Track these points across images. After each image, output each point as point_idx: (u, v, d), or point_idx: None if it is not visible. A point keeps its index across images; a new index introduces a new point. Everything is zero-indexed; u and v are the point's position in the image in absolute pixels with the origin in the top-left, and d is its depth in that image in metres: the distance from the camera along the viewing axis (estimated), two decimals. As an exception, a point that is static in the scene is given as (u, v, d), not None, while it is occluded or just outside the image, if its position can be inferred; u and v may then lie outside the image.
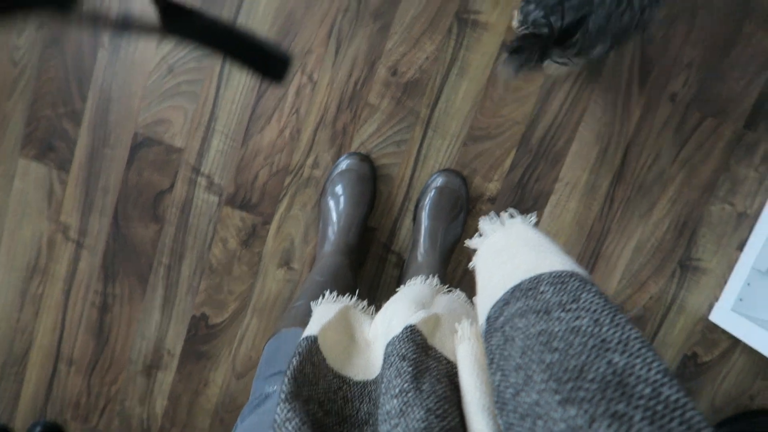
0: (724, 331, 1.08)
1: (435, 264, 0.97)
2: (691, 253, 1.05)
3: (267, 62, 0.45)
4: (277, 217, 1.05)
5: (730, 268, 1.06)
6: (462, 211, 1.01)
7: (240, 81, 1.01)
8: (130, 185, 1.04)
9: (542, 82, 1.00)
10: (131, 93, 1.02)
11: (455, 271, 1.07)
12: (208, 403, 1.13)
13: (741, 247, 1.05)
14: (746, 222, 1.05)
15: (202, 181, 1.03)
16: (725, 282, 1.07)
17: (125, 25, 0.37)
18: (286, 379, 0.45)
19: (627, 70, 1.00)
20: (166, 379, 1.12)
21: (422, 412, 0.39)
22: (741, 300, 1.04)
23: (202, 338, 1.10)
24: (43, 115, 1.03)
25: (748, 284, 1.04)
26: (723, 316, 1.06)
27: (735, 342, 1.09)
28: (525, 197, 1.03)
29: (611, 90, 1.00)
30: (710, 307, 1.08)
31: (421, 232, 0.99)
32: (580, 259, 1.05)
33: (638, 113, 1.01)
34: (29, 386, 1.14)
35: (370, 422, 0.45)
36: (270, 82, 0.48)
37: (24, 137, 1.03)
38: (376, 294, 1.08)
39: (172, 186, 1.04)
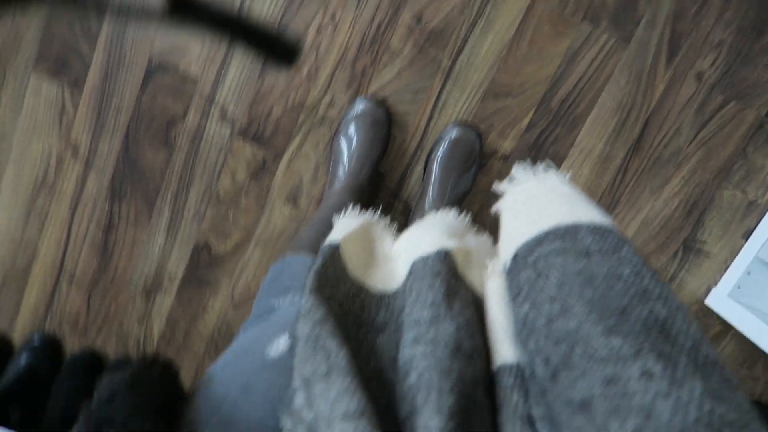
0: (717, 317, 1.09)
1: (441, 215, 0.97)
2: (696, 235, 1.05)
3: (276, 49, 0.45)
4: (288, 153, 1.04)
5: (733, 255, 1.07)
6: (474, 165, 1.00)
7: (261, 10, 0.99)
8: (143, 109, 1.03)
9: (569, 44, 0.98)
10: (150, 14, 1.00)
11: (460, 225, 1.07)
12: (205, 329, 1.16)
13: (747, 236, 1.05)
14: (755, 211, 1.04)
15: (215, 111, 1.03)
16: (726, 268, 1.07)
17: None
18: (311, 275, 0.46)
19: (656, 43, 0.97)
20: (165, 302, 1.14)
21: (453, 327, 0.40)
22: (739, 288, 1.05)
23: (204, 266, 1.11)
24: (58, 33, 1.01)
25: (749, 273, 1.04)
26: (719, 301, 1.06)
27: (726, 329, 1.10)
28: (539, 159, 1.02)
29: (638, 60, 0.98)
30: (707, 291, 1.09)
31: (431, 182, 0.99)
32: (585, 227, 1.05)
33: (662, 87, 0.99)
34: (30, 298, 1.16)
35: (386, 331, 0.46)
36: (280, 66, 0.47)
37: (38, 54, 1.02)
38: (378, 241, 1.09)
39: (185, 114, 1.03)
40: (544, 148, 1.02)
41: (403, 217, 1.07)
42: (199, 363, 1.18)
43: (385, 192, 1.06)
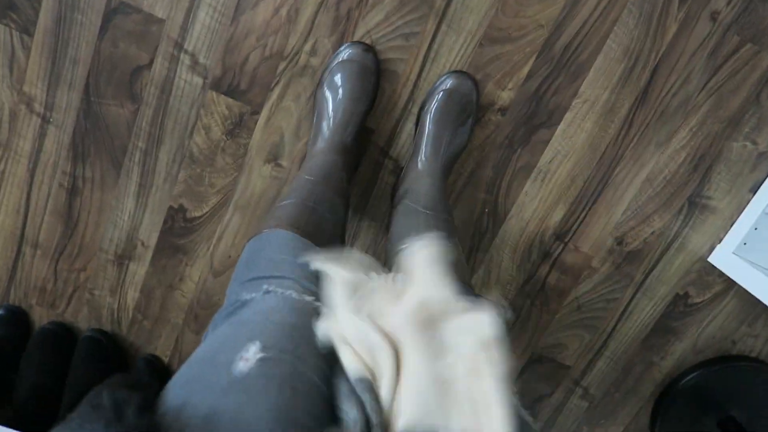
0: (720, 275, 1.05)
1: (436, 173, 0.90)
2: (702, 190, 1.00)
3: None
4: (267, 107, 0.95)
5: (740, 210, 1.02)
6: (470, 119, 0.93)
7: (234, -56, 0.88)
8: (104, 57, 0.93)
9: (575, -19, 0.89)
10: (107, -54, 0.88)
11: (456, 182, 1.00)
12: (183, 299, 1.09)
13: (755, 189, 1.00)
14: (765, 163, 0.99)
15: (185, 59, 0.93)
16: (732, 224, 1.03)
17: None
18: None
19: (667, -20, 0.89)
20: (138, 270, 1.07)
21: None
22: (745, 244, 1.00)
23: (178, 231, 1.03)
24: (3, -36, 0.89)
25: (755, 228, 0.99)
26: (723, 258, 1.02)
27: (729, 286, 1.07)
28: (539, 111, 0.95)
29: (648, 0, 0.90)
30: (711, 249, 1.04)
31: (424, 138, 0.91)
32: (587, 185, 0.99)
33: (674, 29, 0.91)
34: (-9, 267, 1.07)
35: None
36: None
37: (-19, -11, 0.90)
38: (367, 201, 1.02)
39: (151, 62, 0.93)
40: (544, 99, 0.94)
41: (393, 177, 1.00)
42: (179, 334, 1.11)
43: (374, 149, 0.98)
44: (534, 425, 0.47)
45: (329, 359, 0.47)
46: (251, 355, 0.41)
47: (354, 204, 1.02)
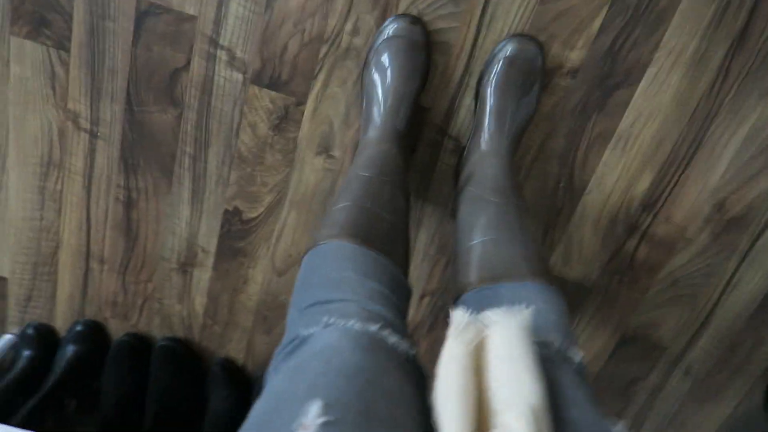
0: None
1: (502, 151, 0.81)
2: (817, 139, 0.85)
3: None
4: (312, 96, 0.89)
5: None
6: (536, 85, 0.82)
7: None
8: (140, 64, 0.89)
9: None
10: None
11: (524, 157, 0.90)
12: (249, 301, 1.07)
13: None
14: None
15: (222, 56, 0.87)
16: None
17: None
18: None
19: None
20: (202, 276, 1.05)
21: None
22: None
23: (236, 234, 1.00)
24: (30, -19, 0.86)
25: None
26: None
27: None
28: (615, 70, 0.83)
29: None
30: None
31: (486, 113, 0.82)
32: (678, 147, 0.87)
33: (777, -48, 0.76)
34: (64, 286, 1.09)
35: None
36: None
37: (12, 12, 0.87)
38: (429, 185, 0.94)
39: (188, 62, 0.88)
40: (620, 55, 0.82)
41: (454, 157, 0.92)
42: (249, 336, 1.10)
43: (431, 129, 0.90)
44: None
45: (403, 403, 0.41)
46: (311, 420, 0.36)
47: (414, 189, 0.95)
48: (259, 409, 0.41)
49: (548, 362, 0.47)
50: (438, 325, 1.06)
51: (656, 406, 1.11)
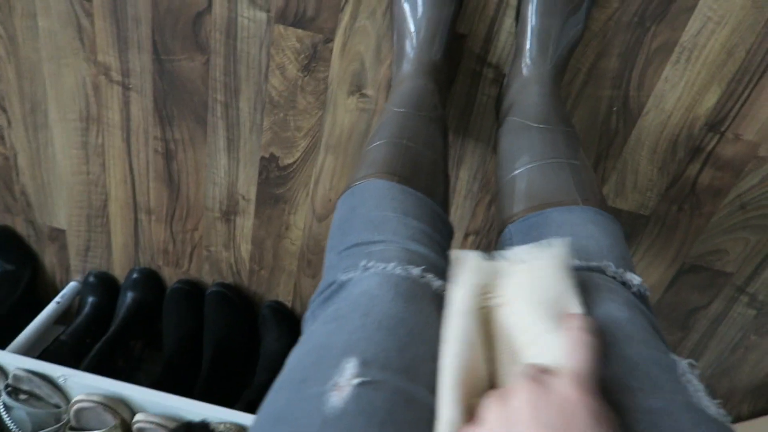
0: None
1: (545, 78, 0.74)
2: None
3: None
4: (340, 31, 0.83)
5: None
6: (585, 0, 0.74)
7: None
8: (162, 10, 0.86)
9: None
10: None
11: (573, 82, 0.83)
12: (293, 246, 1.07)
13: None
14: None
15: (243, -6, 0.82)
16: None
17: None
18: None
19: None
20: (245, 224, 1.06)
21: None
22: None
23: (275, 181, 0.99)
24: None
25: None
26: None
27: None
28: (678, -29, 0.73)
29: None
30: None
31: (527, 35, 0.74)
32: (751, 56, 0.77)
33: None
34: (117, 236, 1.12)
35: None
36: None
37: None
38: (469, 119, 0.89)
39: (209, 4, 0.84)
40: (685, -48, 0.72)
41: (495, 87, 0.85)
42: (295, 280, 1.11)
43: (469, 58, 0.83)
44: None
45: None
46: (346, 379, 0.35)
47: (454, 125, 0.90)
48: (293, 363, 0.40)
49: (602, 289, 0.44)
50: (485, 262, 1.03)
51: (718, 334, 1.06)
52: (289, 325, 1.11)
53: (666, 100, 0.83)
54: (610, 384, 0.37)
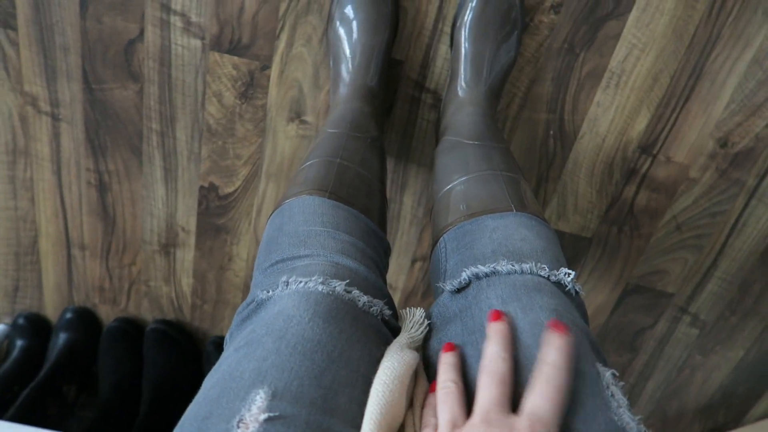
0: None
1: (480, 100, 0.75)
2: (829, 58, 0.78)
3: None
4: (277, 58, 0.83)
5: None
6: (516, 29, 0.75)
7: None
8: (92, 38, 0.83)
9: None
10: None
11: (509, 106, 0.84)
12: (236, 278, 1.04)
13: None
14: None
15: (176, 22, 0.81)
16: None
17: None
18: None
19: None
20: (186, 256, 1.02)
21: None
22: None
23: (215, 211, 0.96)
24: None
25: None
26: None
27: None
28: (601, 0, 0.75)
29: None
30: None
31: (461, 60, 0.75)
32: (676, 81, 0.80)
33: None
34: (48, 275, 1.06)
35: None
36: None
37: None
38: (410, 144, 0.89)
39: (141, 32, 0.82)
40: (608, -19, 0.75)
41: (434, 112, 0.86)
42: (239, 313, 1.07)
43: (407, 83, 0.84)
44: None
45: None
46: (253, 415, 0.32)
47: (395, 150, 0.89)
48: (200, 395, 0.37)
49: (532, 294, 0.43)
50: (431, 292, 1.02)
51: (665, 354, 1.07)
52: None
53: (599, 124, 0.85)
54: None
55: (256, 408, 0.33)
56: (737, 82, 0.80)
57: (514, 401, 0.36)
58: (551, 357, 0.35)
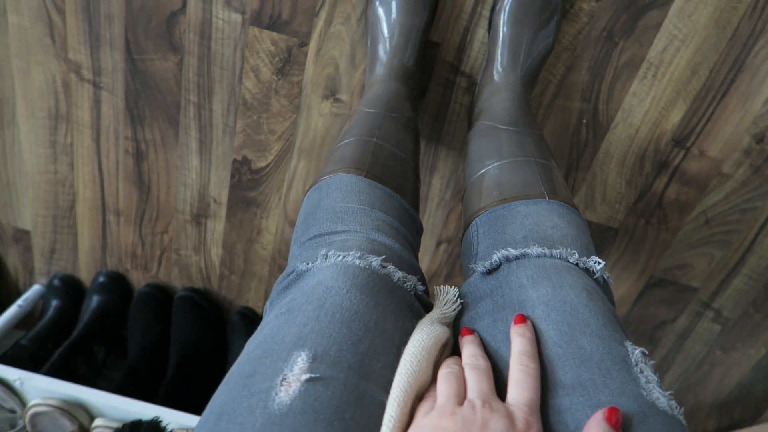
0: None
1: (516, 85, 0.75)
2: None
3: None
4: (315, 35, 0.84)
5: None
6: (555, 14, 0.75)
7: None
8: (136, 8, 0.85)
9: None
10: None
11: (543, 93, 0.84)
12: (264, 251, 1.06)
13: None
14: None
15: (218, -5, 0.82)
16: None
17: None
18: None
19: None
20: (216, 227, 1.04)
21: None
22: None
23: (247, 184, 0.99)
24: None
25: None
26: None
27: None
28: (645, -12, 0.75)
29: None
30: None
31: (498, 44, 0.75)
32: (715, 74, 0.79)
33: None
34: (84, 239, 1.10)
35: None
36: None
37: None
38: (442, 127, 0.89)
39: (184, 4, 0.84)
40: (652, -30, 0.74)
41: (468, 96, 0.86)
42: (266, 286, 1.10)
43: (442, 66, 0.84)
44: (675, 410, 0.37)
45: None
46: (295, 375, 0.34)
47: (426, 133, 0.90)
48: (244, 355, 0.39)
49: (563, 275, 0.44)
50: (455, 273, 1.03)
51: (684, 349, 1.07)
52: (257, 331, 1.10)
53: (634, 115, 0.84)
54: (563, 376, 0.37)
55: (298, 369, 0.34)
56: (779, 78, 0.78)
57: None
58: (518, 346, 0.39)
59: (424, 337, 0.41)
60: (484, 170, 0.63)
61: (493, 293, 0.47)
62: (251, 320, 1.11)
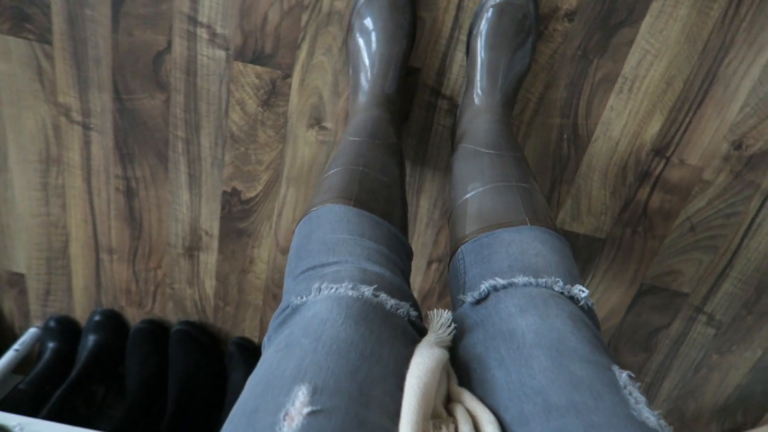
0: None
1: (496, 107, 0.77)
2: (842, 60, 0.79)
3: None
4: (298, 67, 0.86)
5: None
6: (530, 36, 0.77)
7: None
8: (123, 50, 0.87)
9: None
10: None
11: (523, 112, 0.86)
12: (258, 280, 1.07)
13: None
14: None
15: (202, 33, 0.84)
16: None
17: None
18: None
19: None
20: (209, 259, 1.05)
21: None
22: None
23: (238, 215, 1.00)
24: (3, -27, 0.84)
25: None
26: None
27: None
28: (616, 6, 0.77)
29: None
30: None
31: (477, 68, 0.77)
32: (689, 85, 0.81)
33: None
34: (78, 278, 1.10)
35: None
36: None
37: (-8, 5, 0.86)
38: (427, 149, 0.91)
39: (169, 44, 0.86)
40: (620, -11, 0.76)
41: (450, 118, 0.88)
42: (261, 314, 1.10)
43: (424, 90, 0.86)
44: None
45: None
46: (297, 408, 0.35)
47: (412, 155, 0.92)
48: (246, 392, 0.40)
49: (549, 304, 0.45)
50: (448, 292, 1.04)
51: (681, 354, 1.08)
52: (256, 361, 1.09)
53: (613, 128, 0.86)
54: (557, 400, 0.38)
55: (299, 402, 0.35)
56: (751, 86, 0.81)
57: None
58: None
59: (426, 359, 0.42)
60: (468, 196, 0.65)
61: (484, 322, 0.48)
62: (248, 350, 1.11)
